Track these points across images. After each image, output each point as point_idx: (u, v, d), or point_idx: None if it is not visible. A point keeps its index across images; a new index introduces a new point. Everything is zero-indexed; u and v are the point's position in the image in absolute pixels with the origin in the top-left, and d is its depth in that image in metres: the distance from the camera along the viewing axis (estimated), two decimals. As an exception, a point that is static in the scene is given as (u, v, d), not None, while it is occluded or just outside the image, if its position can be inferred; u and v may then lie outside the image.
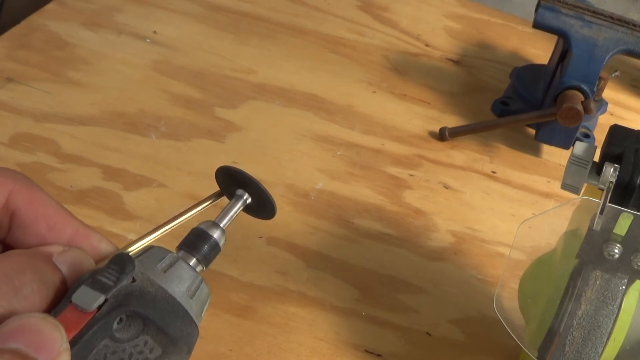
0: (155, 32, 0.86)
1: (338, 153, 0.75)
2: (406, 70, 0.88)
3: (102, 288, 0.32)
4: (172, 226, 0.38)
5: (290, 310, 0.60)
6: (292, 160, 0.73)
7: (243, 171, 0.38)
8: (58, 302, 0.32)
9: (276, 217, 0.68)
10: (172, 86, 0.79)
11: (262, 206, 0.39)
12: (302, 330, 0.58)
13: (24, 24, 0.84)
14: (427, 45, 0.94)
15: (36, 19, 0.85)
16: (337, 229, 0.67)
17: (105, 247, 0.36)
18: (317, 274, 0.63)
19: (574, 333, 0.46)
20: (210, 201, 0.39)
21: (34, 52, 0.80)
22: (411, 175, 0.74)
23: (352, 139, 0.77)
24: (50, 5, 0.87)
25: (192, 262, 0.36)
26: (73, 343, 0.31)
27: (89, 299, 0.31)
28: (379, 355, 0.58)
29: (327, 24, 0.94)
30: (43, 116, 0.73)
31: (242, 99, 0.80)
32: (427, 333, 0.60)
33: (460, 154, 0.78)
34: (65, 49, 0.82)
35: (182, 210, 0.39)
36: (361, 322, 0.60)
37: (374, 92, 0.84)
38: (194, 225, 0.37)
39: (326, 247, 0.65)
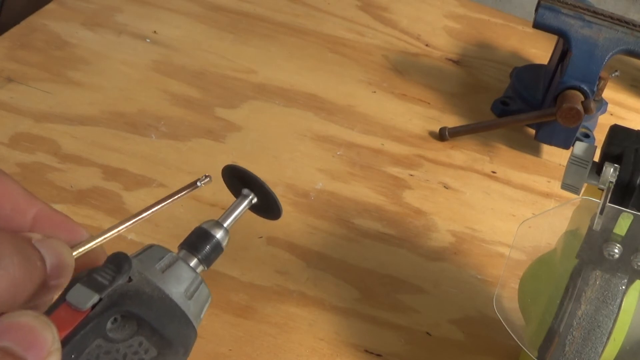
0: (155, 32, 0.86)
1: (338, 153, 0.75)
2: (406, 70, 0.88)
3: (97, 287, 0.31)
4: (146, 215, 0.37)
5: (290, 310, 0.60)
6: (292, 160, 0.73)
7: (249, 171, 0.37)
8: (40, 283, 0.31)
9: (276, 217, 0.68)
10: (172, 86, 0.79)
11: (267, 206, 0.38)
12: (302, 330, 0.58)
13: (24, 24, 0.84)
14: (427, 45, 0.94)
15: (36, 19, 0.85)
16: (337, 229, 0.67)
17: (72, 228, 0.36)
18: (317, 274, 0.63)
19: (574, 333, 0.46)
20: (189, 189, 0.39)
21: (34, 52, 0.80)
22: (411, 175, 0.74)
23: (352, 139, 0.77)
24: (50, 5, 0.87)
25: (193, 262, 0.35)
26: (65, 342, 0.30)
27: (83, 298, 0.31)
28: (379, 355, 0.58)
29: (327, 24, 0.94)
30: (43, 116, 0.73)
31: (242, 99, 0.80)
32: (427, 333, 0.60)
33: (460, 154, 0.78)
34: (65, 49, 0.82)
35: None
36: (361, 322, 0.60)
37: (374, 92, 0.84)
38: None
39: (326, 247, 0.65)
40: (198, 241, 0.36)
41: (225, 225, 0.37)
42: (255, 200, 0.38)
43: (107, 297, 0.31)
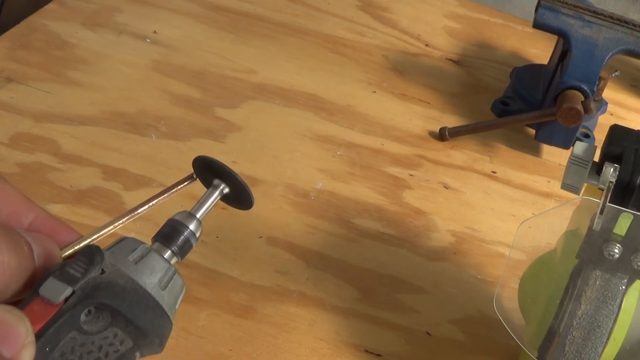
0: (155, 32, 0.86)
1: (338, 153, 0.75)
2: (406, 70, 0.88)
3: (70, 280, 0.31)
4: (140, 212, 0.38)
5: (290, 310, 0.60)
6: (292, 160, 0.73)
7: (219, 161, 0.38)
8: (29, 270, 0.32)
9: (276, 217, 0.68)
10: (172, 86, 0.79)
11: (239, 196, 0.39)
12: (302, 330, 0.58)
13: (24, 24, 0.84)
14: (427, 45, 0.94)
15: (36, 19, 0.85)
16: (337, 229, 0.67)
17: (68, 234, 0.36)
18: (317, 274, 0.63)
19: (574, 333, 0.46)
20: (184, 184, 0.39)
21: (34, 52, 0.80)
22: (411, 175, 0.74)
23: (352, 139, 0.77)
24: (50, 5, 0.87)
25: (167, 254, 0.35)
26: (39, 335, 0.30)
27: (56, 291, 0.31)
28: (379, 355, 0.58)
29: (327, 24, 0.94)
30: (43, 116, 0.73)
31: (242, 99, 0.80)
32: (427, 333, 0.60)
33: (460, 154, 0.78)
34: (65, 49, 0.82)
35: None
36: (361, 322, 0.60)
37: (374, 92, 0.84)
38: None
39: (326, 247, 0.65)
40: (171, 232, 0.36)
41: (197, 216, 0.37)
42: (226, 190, 0.38)
43: (80, 289, 0.32)
